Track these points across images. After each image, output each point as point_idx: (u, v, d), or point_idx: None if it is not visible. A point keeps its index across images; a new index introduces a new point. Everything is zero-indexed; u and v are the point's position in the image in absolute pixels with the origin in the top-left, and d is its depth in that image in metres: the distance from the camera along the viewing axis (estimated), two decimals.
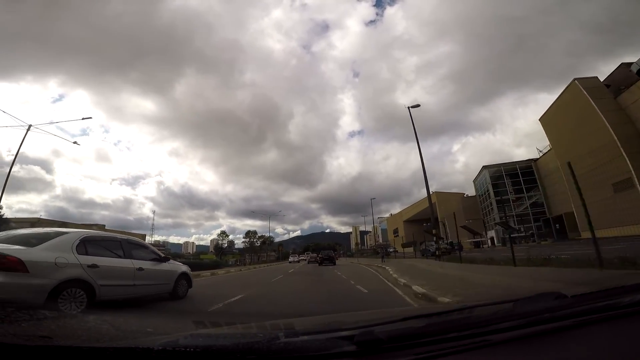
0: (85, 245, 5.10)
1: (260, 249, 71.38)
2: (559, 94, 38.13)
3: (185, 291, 7.20)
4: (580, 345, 0.97)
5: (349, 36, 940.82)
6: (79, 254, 4.88)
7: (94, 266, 4.94)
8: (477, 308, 1.36)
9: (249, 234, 74.15)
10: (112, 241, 5.82)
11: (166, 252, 41.86)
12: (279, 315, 4.75)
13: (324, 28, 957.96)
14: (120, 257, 5.62)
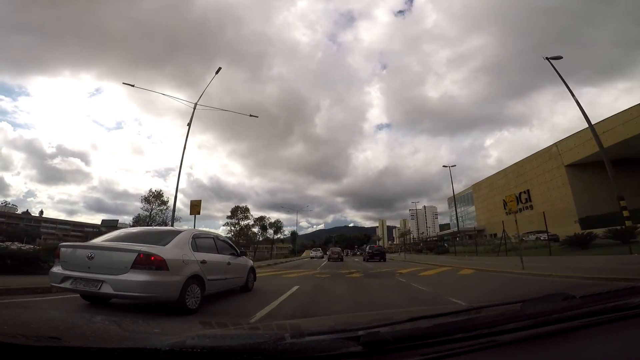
0: (195, 242, 5.35)
1: (273, 241, 54.80)
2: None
3: (252, 284, 7.47)
4: (588, 346, 0.96)
5: (376, 27, 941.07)
6: (193, 251, 5.13)
7: (203, 262, 5.17)
8: (485, 309, 1.35)
9: (257, 220, 51.86)
10: (208, 238, 6.15)
11: None
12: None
13: (349, 19, 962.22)
14: (215, 252, 5.89)
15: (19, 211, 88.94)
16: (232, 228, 47.63)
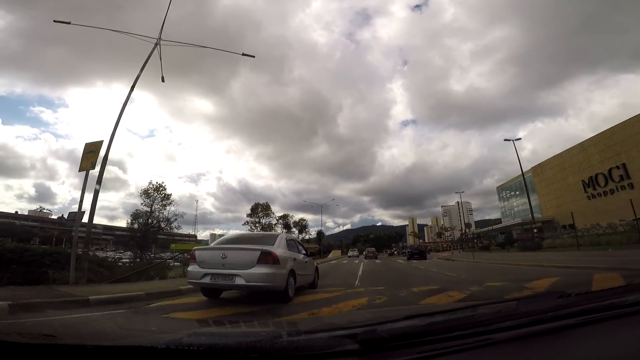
0: (287, 243, 6.45)
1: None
2: None
3: (317, 282, 8.36)
4: (584, 344, 0.97)
5: (393, 23, 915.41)
6: (287, 250, 6.18)
7: (294, 259, 6.23)
8: (481, 307, 1.35)
9: (281, 218, 49.31)
10: (292, 240, 7.33)
11: None
12: None
13: (365, 17, 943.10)
14: (297, 252, 6.91)
15: (54, 217, 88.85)
16: (253, 227, 43.53)
